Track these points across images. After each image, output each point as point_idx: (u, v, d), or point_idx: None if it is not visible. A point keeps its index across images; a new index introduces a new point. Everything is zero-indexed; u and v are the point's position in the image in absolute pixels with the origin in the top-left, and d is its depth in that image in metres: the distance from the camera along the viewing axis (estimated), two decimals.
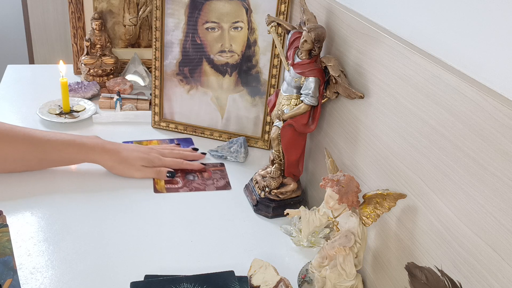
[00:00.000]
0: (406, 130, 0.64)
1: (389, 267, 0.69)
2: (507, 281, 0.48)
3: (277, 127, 0.89)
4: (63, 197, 0.93)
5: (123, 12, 1.38)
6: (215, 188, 1.01)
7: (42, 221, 0.86)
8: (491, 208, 0.49)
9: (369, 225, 0.67)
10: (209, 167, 1.07)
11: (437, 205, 0.58)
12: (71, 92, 1.29)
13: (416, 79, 0.61)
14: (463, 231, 0.54)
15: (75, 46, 1.41)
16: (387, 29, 0.71)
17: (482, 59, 0.52)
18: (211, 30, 1.11)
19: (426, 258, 0.60)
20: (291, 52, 0.87)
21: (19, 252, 0.78)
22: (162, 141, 1.15)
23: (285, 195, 0.93)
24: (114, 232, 0.85)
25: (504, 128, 0.47)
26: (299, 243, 0.85)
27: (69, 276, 0.75)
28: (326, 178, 0.66)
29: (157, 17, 1.11)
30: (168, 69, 1.16)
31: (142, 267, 0.77)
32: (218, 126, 1.17)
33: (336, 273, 0.68)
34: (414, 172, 0.63)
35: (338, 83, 0.80)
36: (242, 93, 1.14)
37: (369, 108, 0.74)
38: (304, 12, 0.88)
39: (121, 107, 1.25)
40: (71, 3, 1.35)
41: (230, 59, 1.12)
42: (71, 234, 0.83)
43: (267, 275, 0.74)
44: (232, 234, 0.88)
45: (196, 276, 0.73)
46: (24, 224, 0.84)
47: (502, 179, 0.48)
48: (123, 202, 0.93)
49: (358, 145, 0.79)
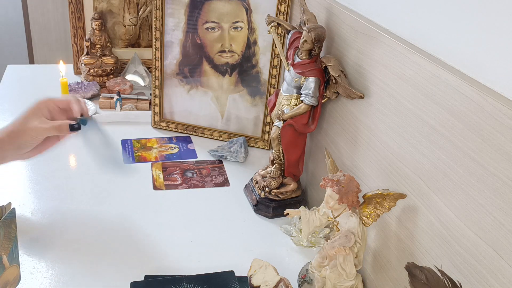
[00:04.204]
0: (406, 130, 0.64)
1: (389, 267, 0.69)
2: (507, 281, 0.48)
3: (277, 127, 0.89)
4: (63, 197, 0.93)
5: (123, 12, 1.38)
6: (214, 185, 1.01)
7: (42, 221, 0.86)
8: (491, 208, 0.49)
9: (369, 225, 0.67)
10: (207, 164, 1.07)
11: (437, 205, 0.58)
12: (71, 92, 1.29)
13: (416, 79, 0.61)
14: (463, 231, 0.54)
15: (75, 46, 1.40)
16: (387, 29, 0.71)
17: (482, 59, 0.52)
18: (211, 30, 1.11)
19: (426, 258, 0.60)
20: (291, 52, 0.87)
21: (19, 252, 0.78)
22: (161, 139, 1.15)
23: (285, 195, 0.93)
24: (114, 231, 0.85)
25: (504, 128, 0.47)
26: (299, 243, 0.85)
27: (69, 276, 0.75)
28: (326, 178, 0.66)
29: (157, 17, 1.11)
30: (168, 69, 1.16)
31: (142, 267, 0.77)
32: (218, 126, 1.17)
33: (336, 273, 0.68)
34: (414, 172, 0.63)
35: (338, 83, 0.80)
36: (242, 93, 1.14)
37: (369, 108, 0.74)
38: (304, 12, 0.88)
39: (121, 107, 1.25)
40: (71, 3, 1.35)
41: (230, 59, 1.12)
42: (71, 234, 0.83)
43: (267, 275, 0.74)
44: (232, 234, 0.88)
45: (196, 276, 0.73)
46: (24, 224, 0.84)
47: (502, 179, 0.48)
48: (123, 200, 0.93)
49: (358, 145, 0.79)
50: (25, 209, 0.88)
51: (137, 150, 1.11)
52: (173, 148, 1.13)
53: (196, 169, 1.06)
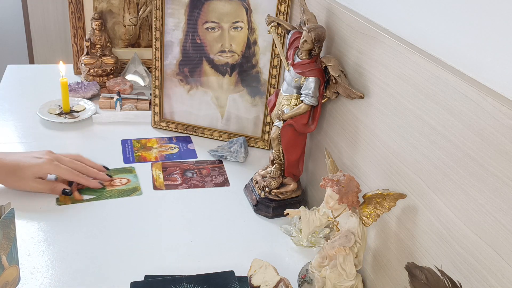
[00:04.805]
0: (406, 130, 0.64)
1: (389, 267, 0.69)
2: (507, 281, 0.48)
3: (277, 127, 0.89)
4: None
5: (123, 12, 1.38)
6: (214, 185, 1.01)
7: (42, 221, 0.86)
8: (491, 208, 0.49)
9: (369, 225, 0.67)
10: (207, 164, 1.07)
11: (437, 205, 0.58)
12: (71, 92, 1.29)
13: (416, 79, 0.61)
14: (463, 231, 0.54)
15: (75, 46, 1.41)
16: (387, 29, 0.71)
17: (482, 59, 0.52)
18: (211, 30, 1.11)
19: (426, 258, 0.60)
20: (291, 52, 0.87)
21: (19, 252, 0.78)
22: (161, 139, 1.15)
23: (285, 195, 0.93)
24: (114, 231, 0.85)
25: (504, 128, 0.47)
26: (299, 243, 0.85)
27: (69, 276, 0.75)
28: (326, 178, 0.66)
29: (157, 17, 1.11)
30: (168, 69, 1.16)
31: (142, 267, 0.77)
32: (218, 126, 1.17)
33: (336, 273, 0.68)
34: (414, 172, 0.63)
35: (338, 83, 0.80)
36: (242, 93, 1.14)
37: (369, 108, 0.74)
38: (304, 12, 0.88)
39: (121, 107, 1.25)
40: (71, 3, 1.35)
41: (230, 59, 1.12)
42: (71, 234, 0.83)
43: (267, 275, 0.74)
44: (232, 234, 0.88)
45: (196, 276, 0.73)
46: (24, 224, 0.84)
47: (502, 179, 0.48)
48: (123, 200, 0.93)
49: (358, 145, 0.79)
50: (25, 208, 0.88)
51: (137, 150, 1.11)
52: (173, 148, 1.13)
53: (196, 169, 1.06)
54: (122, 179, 0.99)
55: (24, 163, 0.88)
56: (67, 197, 0.91)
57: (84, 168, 0.95)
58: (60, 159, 0.92)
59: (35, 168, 0.88)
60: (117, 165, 1.04)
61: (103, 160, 1.02)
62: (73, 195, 0.91)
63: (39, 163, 0.89)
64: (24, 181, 0.88)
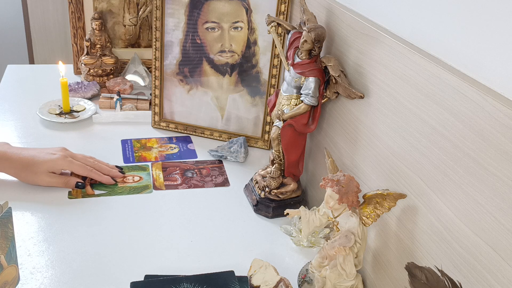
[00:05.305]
0: (406, 130, 0.64)
1: (389, 267, 0.69)
2: (507, 281, 0.48)
3: (277, 127, 0.89)
4: (62, 196, 0.93)
5: (123, 12, 1.38)
6: (214, 185, 1.01)
7: (42, 221, 0.86)
8: (491, 208, 0.49)
9: (369, 225, 0.67)
10: (207, 164, 1.07)
11: (437, 205, 0.58)
12: (71, 92, 1.29)
13: (416, 79, 0.61)
14: (463, 231, 0.54)
15: (75, 46, 1.41)
16: (387, 29, 0.71)
17: (482, 59, 0.52)
18: (211, 30, 1.11)
19: (426, 258, 0.60)
20: (291, 52, 0.87)
21: (19, 252, 0.78)
22: (161, 139, 1.15)
23: (285, 195, 0.93)
24: (114, 231, 0.85)
25: (504, 128, 0.47)
26: (299, 243, 0.85)
27: (69, 276, 0.75)
28: (326, 178, 0.66)
29: (157, 17, 1.11)
30: (168, 69, 1.16)
31: (142, 267, 0.77)
32: (218, 126, 1.17)
33: (336, 273, 0.68)
34: (414, 172, 0.63)
35: (338, 83, 0.80)
36: (242, 93, 1.14)
37: (369, 108, 0.74)
38: (304, 12, 0.88)
39: (121, 107, 1.25)
40: (71, 3, 1.35)
41: (230, 59, 1.12)
42: (71, 234, 0.83)
43: (267, 275, 0.74)
44: (232, 234, 0.88)
45: (196, 276, 0.73)
46: (24, 224, 0.84)
47: (502, 179, 0.48)
48: (123, 200, 0.93)
49: (358, 145, 0.79)
50: (24, 208, 0.88)
51: (137, 150, 1.11)
52: (173, 148, 1.13)
53: (196, 169, 1.06)
54: (134, 177, 1.01)
55: (38, 158, 0.91)
56: (78, 191, 0.94)
57: (97, 165, 0.98)
58: (73, 155, 0.95)
59: (49, 163, 0.91)
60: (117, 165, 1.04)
61: (103, 160, 1.02)
62: (85, 189, 0.94)
63: (53, 158, 0.92)
64: (37, 176, 0.91)
